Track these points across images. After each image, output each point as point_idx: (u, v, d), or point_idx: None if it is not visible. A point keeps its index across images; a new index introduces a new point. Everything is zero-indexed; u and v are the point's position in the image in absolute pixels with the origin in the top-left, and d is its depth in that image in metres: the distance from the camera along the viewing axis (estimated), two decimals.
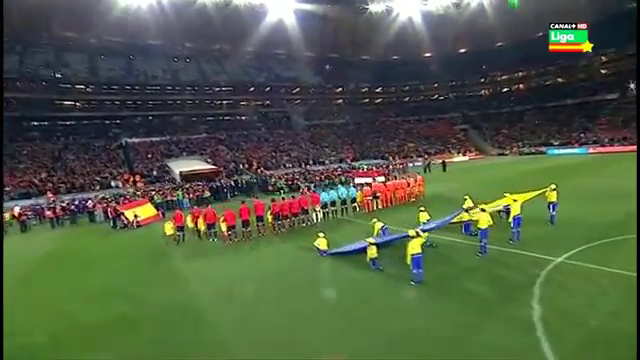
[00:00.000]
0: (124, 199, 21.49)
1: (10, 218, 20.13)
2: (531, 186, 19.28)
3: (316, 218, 14.92)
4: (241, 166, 37.54)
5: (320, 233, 10.67)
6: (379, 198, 16.80)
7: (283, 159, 41.53)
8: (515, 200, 10.32)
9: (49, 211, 20.76)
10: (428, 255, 9.10)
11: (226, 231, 12.73)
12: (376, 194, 16.76)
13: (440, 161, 37.17)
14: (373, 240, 9.07)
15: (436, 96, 65.60)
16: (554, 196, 11.60)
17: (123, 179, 31.26)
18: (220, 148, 41.70)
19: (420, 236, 7.92)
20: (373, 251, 9.01)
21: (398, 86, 65.79)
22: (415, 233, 7.93)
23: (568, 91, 52.45)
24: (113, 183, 30.21)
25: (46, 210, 21.03)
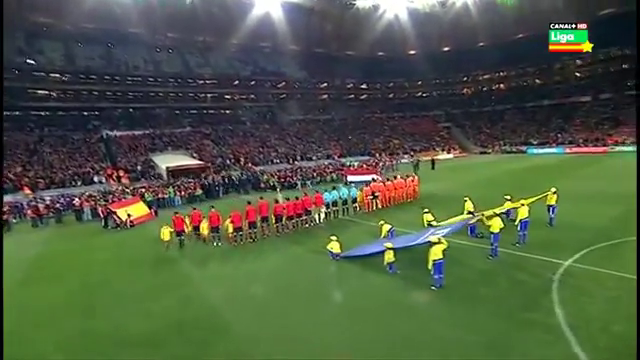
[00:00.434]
0: (113, 197, 20.63)
1: None
2: (520, 185, 20.33)
3: (319, 219, 14.89)
4: (228, 161, 36.88)
5: (332, 236, 10.63)
6: (378, 198, 16.97)
7: (271, 155, 41.08)
8: (522, 204, 10.65)
9: (31, 209, 19.68)
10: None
11: (232, 232, 12.48)
12: (375, 194, 16.91)
13: (426, 159, 38.01)
14: (391, 245, 9.13)
15: (420, 93, 66.64)
16: (554, 199, 12.10)
17: (106, 174, 30.02)
18: (206, 143, 40.71)
19: (442, 242, 8.05)
20: (390, 255, 9.09)
21: (383, 83, 66.37)
22: (437, 239, 8.06)
23: (545, 92, 54.55)
24: (96, 178, 28.94)
25: (28, 208, 19.90)
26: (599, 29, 32.43)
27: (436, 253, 7.93)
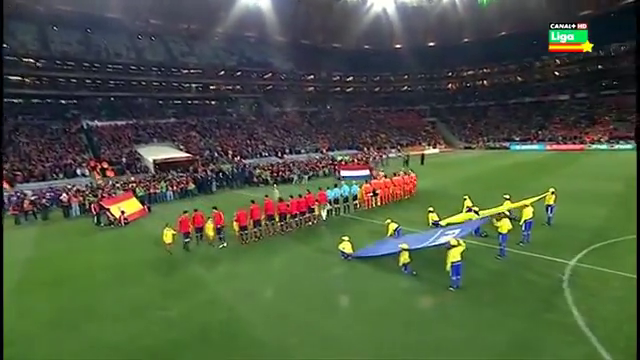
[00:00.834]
0: (103, 192, 19.84)
1: None
2: (511, 183, 21.02)
3: (323, 216, 14.91)
4: (216, 154, 36.19)
5: (344, 237, 10.68)
6: (378, 195, 17.13)
7: (259, 147, 40.62)
8: (527, 205, 11.03)
9: (12, 205, 18.69)
10: (444, 256, 9.53)
11: (238, 231, 12.30)
12: (375, 191, 17.07)
13: (413, 153, 38.69)
14: (407, 246, 9.26)
15: (406, 88, 67.25)
16: (552, 199, 12.59)
17: (89, 166, 28.88)
18: (192, 134, 39.75)
19: (460, 245, 8.25)
20: (406, 256, 9.23)
21: (369, 76, 66.55)
22: (457, 242, 8.24)
23: (526, 90, 56.27)
24: (79, 171, 27.77)
25: (9, 204, 18.87)
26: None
27: (454, 255, 8.12)
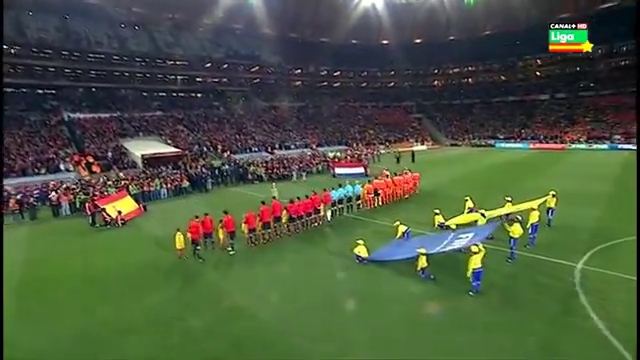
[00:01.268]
0: (94, 189, 19.04)
1: None
2: (503, 180, 21.65)
3: (329, 217, 14.92)
4: (205, 149, 35.44)
5: (359, 240, 10.71)
6: (380, 195, 17.28)
7: (248, 142, 40.04)
8: (533, 209, 11.38)
9: None
10: (458, 260, 9.74)
11: (247, 233, 12.11)
12: (377, 191, 17.20)
13: (402, 149, 39.22)
14: (424, 251, 9.39)
15: (392, 84, 67.64)
16: (553, 202, 13.05)
17: (73, 161, 27.67)
18: (179, 128, 38.68)
19: (481, 250, 8.43)
20: (423, 261, 9.34)
21: (356, 71, 66.51)
22: (478, 249, 8.42)
23: (509, 89, 57.78)
24: (62, 166, 26.56)
25: None
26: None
27: (476, 262, 8.30)
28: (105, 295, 9.22)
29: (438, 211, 13.35)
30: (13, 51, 37.40)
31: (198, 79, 49.75)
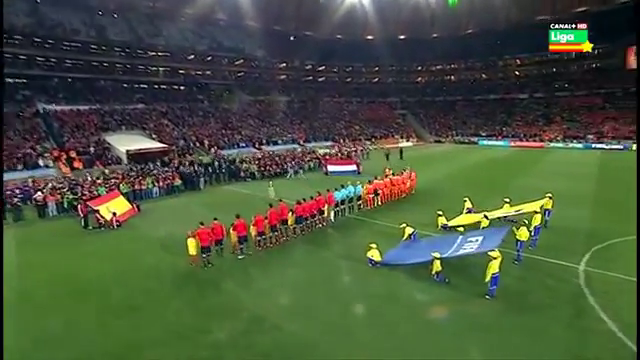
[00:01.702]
0: (83, 189, 18.14)
1: None
2: (492, 179, 22.35)
3: (332, 218, 14.95)
4: (191, 144, 34.56)
5: (372, 244, 10.76)
6: (379, 195, 17.44)
7: (235, 137, 39.33)
8: (537, 212, 11.81)
9: None
10: (471, 263, 10.03)
11: (255, 237, 11.94)
12: (377, 191, 17.35)
13: (389, 146, 39.74)
14: (439, 255, 9.58)
15: (377, 79, 67.94)
16: (550, 204, 13.59)
17: (52, 156, 26.30)
18: (164, 122, 37.48)
19: (499, 256, 8.70)
20: (438, 265, 9.55)
21: (341, 66, 66.37)
22: (497, 254, 8.67)
23: (490, 87, 59.34)
24: (41, 162, 25.19)
25: None
26: (536, 32, 36.95)
27: (494, 267, 8.56)
28: (117, 308, 8.75)
29: (441, 212, 13.61)
30: None
31: (181, 71, 48.23)
